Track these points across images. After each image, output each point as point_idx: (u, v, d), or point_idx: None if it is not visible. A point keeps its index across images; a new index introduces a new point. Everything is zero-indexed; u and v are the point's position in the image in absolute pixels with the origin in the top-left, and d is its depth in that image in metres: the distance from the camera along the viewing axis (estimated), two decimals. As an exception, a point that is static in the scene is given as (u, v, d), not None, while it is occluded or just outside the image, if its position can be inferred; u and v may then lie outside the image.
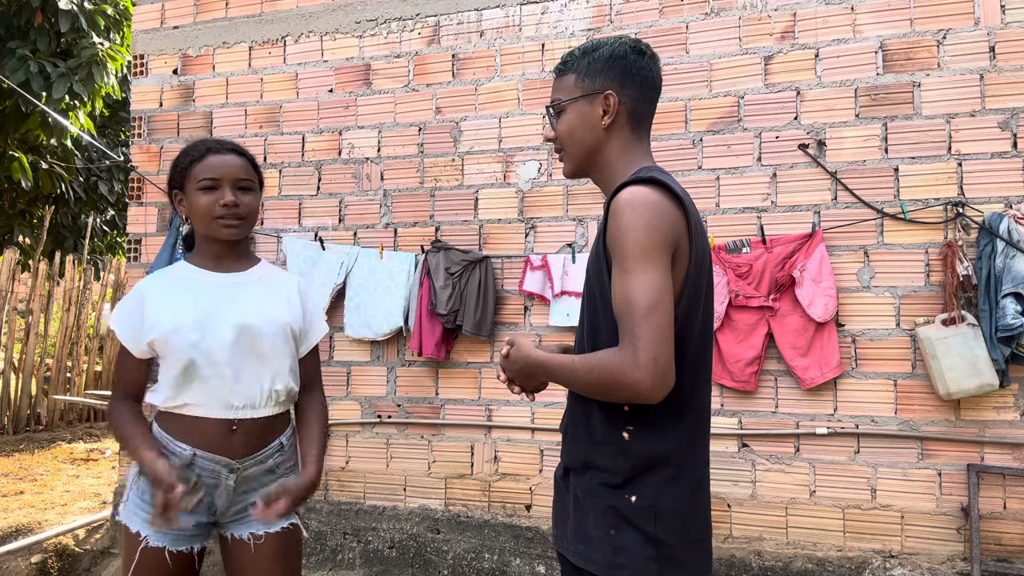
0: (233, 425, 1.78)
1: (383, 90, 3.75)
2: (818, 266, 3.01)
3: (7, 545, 3.89)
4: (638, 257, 1.28)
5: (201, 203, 1.79)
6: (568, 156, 1.52)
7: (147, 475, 1.69)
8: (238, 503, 1.82)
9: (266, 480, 1.83)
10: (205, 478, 1.76)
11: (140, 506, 1.77)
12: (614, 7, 3.42)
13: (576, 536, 1.41)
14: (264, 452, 1.84)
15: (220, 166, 1.80)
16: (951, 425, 2.94)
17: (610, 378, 1.26)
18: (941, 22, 3.01)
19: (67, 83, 7.19)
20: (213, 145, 1.85)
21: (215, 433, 1.77)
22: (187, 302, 1.79)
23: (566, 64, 1.50)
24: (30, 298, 7.47)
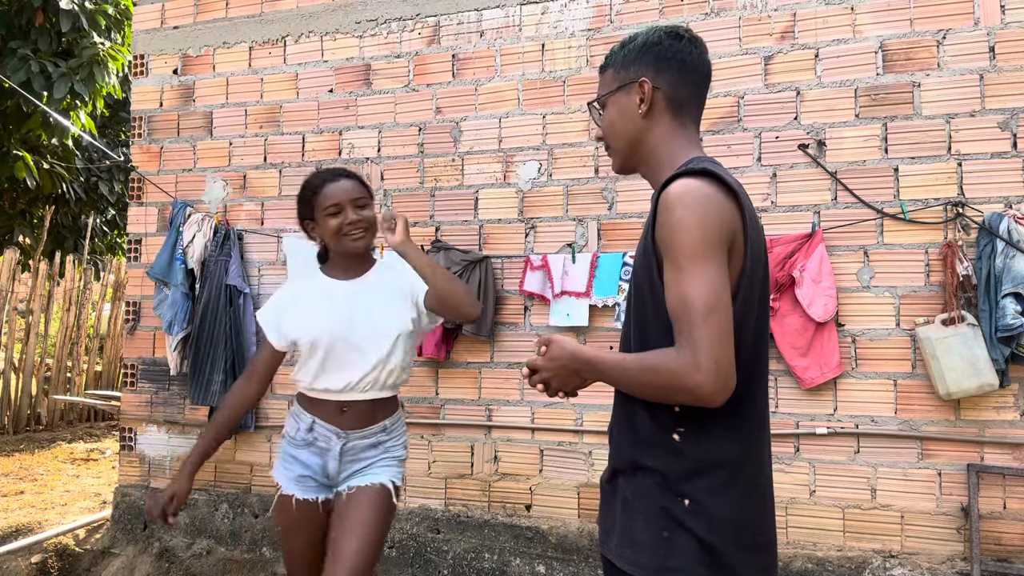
0: (344, 406, 2.20)
1: (383, 90, 3.75)
2: (818, 266, 3.01)
3: (7, 545, 3.90)
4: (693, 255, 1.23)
5: (331, 226, 2.16)
6: (613, 151, 1.49)
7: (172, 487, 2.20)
8: (345, 470, 2.22)
9: (369, 454, 2.23)
10: (320, 442, 2.21)
11: (282, 464, 2.26)
12: (614, 7, 3.42)
13: (623, 539, 1.36)
14: (369, 429, 2.23)
15: (339, 192, 2.16)
16: (951, 425, 2.94)
17: (669, 381, 1.22)
18: (941, 22, 3.01)
19: (68, 83, 7.20)
20: (327, 176, 2.20)
21: (331, 410, 2.21)
22: (321, 309, 2.19)
23: (606, 60, 1.48)
24: (30, 298, 7.47)
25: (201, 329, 3.77)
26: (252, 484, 3.86)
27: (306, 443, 2.22)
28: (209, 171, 4.03)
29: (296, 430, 2.25)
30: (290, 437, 2.27)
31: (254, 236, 3.91)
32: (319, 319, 2.18)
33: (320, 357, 2.18)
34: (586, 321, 3.30)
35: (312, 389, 2.23)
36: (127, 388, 4.13)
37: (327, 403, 2.22)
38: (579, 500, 3.37)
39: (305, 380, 2.24)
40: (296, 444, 2.24)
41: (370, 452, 2.24)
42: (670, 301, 1.26)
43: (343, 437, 2.21)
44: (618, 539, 1.37)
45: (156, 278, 3.91)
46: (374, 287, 2.25)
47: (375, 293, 2.23)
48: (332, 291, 2.23)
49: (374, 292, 2.23)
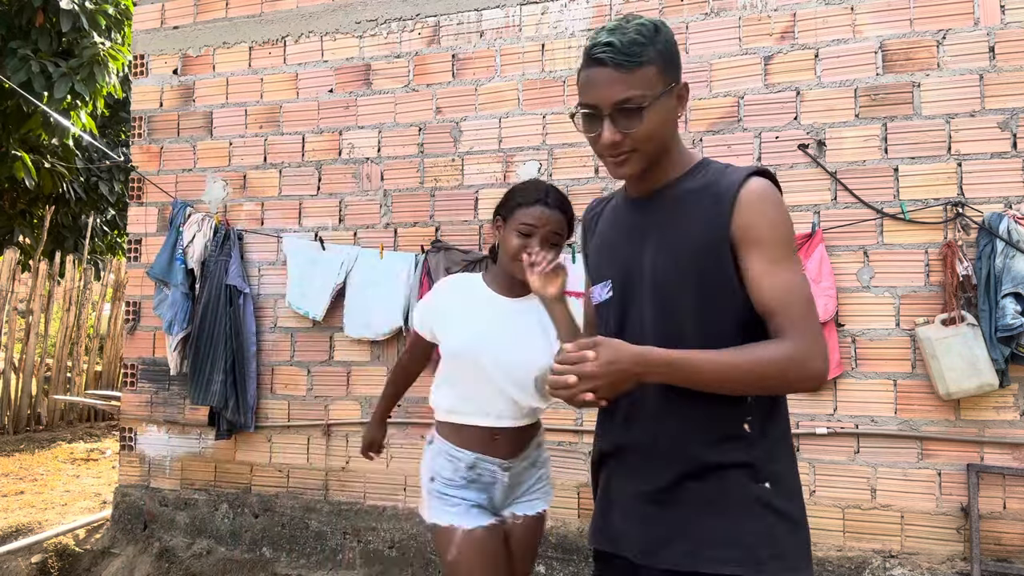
0: (495, 434, 2.04)
1: (383, 90, 3.75)
2: (818, 266, 3.01)
3: (7, 545, 3.90)
4: (790, 247, 1.30)
5: (513, 244, 1.98)
6: (640, 156, 1.38)
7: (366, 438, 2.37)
8: (509, 495, 2.10)
9: (529, 473, 2.12)
10: (485, 477, 2.05)
11: (443, 502, 2.03)
12: (614, 7, 3.42)
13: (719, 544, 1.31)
14: (526, 452, 2.11)
15: (540, 218, 1.97)
16: (951, 425, 2.94)
17: (788, 371, 1.25)
18: (941, 22, 3.01)
19: (68, 83, 7.20)
20: (543, 196, 2.00)
21: (483, 439, 2.04)
22: (481, 321, 2.04)
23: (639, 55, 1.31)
24: (30, 298, 7.47)
25: (201, 329, 3.77)
26: (252, 484, 3.86)
27: (468, 481, 2.04)
28: (209, 171, 4.03)
29: (454, 471, 2.04)
30: (445, 480, 2.04)
31: (254, 236, 3.91)
32: (466, 329, 2.03)
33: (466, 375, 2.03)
34: (586, 321, 3.29)
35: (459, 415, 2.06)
36: (127, 388, 4.13)
37: (477, 431, 2.03)
38: (579, 500, 3.36)
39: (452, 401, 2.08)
40: (456, 485, 2.04)
41: (530, 472, 2.12)
42: (767, 292, 1.28)
43: (507, 467, 2.05)
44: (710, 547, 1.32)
45: (156, 278, 3.91)
46: (535, 310, 2.04)
47: (536, 317, 2.03)
48: (491, 305, 2.07)
49: (535, 315, 2.04)
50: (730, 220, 1.31)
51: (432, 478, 2.07)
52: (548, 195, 2.01)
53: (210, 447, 3.93)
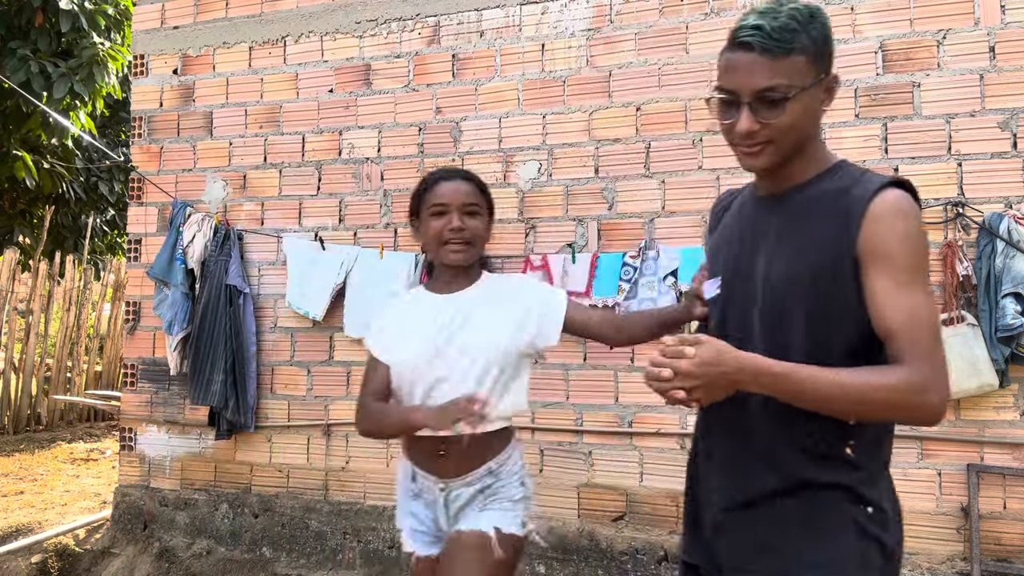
0: (441, 448, 1.84)
1: (383, 90, 3.75)
2: (818, 266, 3.01)
3: (7, 545, 3.90)
4: (920, 270, 1.21)
5: (432, 229, 1.90)
6: (775, 149, 1.29)
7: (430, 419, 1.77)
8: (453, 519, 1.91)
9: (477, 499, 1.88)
10: (425, 493, 1.92)
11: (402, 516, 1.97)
12: (614, 7, 3.42)
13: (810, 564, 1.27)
14: (473, 474, 1.86)
15: (448, 192, 1.90)
16: (951, 425, 2.94)
17: (903, 400, 1.19)
18: (941, 22, 3.01)
19: (68, 83, 7.20)
20: (444, 173, 1.96)
21: (428, 453, 1.88)
22: (414, 327, 1.93)
23: (789, 42, 1.23)
24: (30, 298, 7.47)
25: (201, 329, 3.77)
26: (252, 484, 3.85)
27: (414, 494, 1.95)
28: (209, 171, 4.03)
29: (405, 478, 1.98)
30: (403, 486, 1.99)
31: (254, 236, 3.90)
32: (409, 340, 1.91)
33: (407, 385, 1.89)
34: (586, 321, 3.29)
35: None
36: (127, 388, 4.13)
37: (423, 444, 1.87)
38: (579, 500, 3.36)
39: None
40: (407, 494, 1.97)
41: (478, 499, 1.88)
42: (889, 314, 1.20)
43: (444, 488, 1.87)
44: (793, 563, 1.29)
45: (156, 278, 3.91)
46: (477, 301, 1.92)
47: (478, 308, 1.90)
48: (428, 307, 1.94)
49: (477, 307, 1.90)
50: (857, 234, 1.23)
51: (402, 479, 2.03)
52: (446, 170, 1.99)
53: (210, 447, 3.92)
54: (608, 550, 3.23)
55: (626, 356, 3.32)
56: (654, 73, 3.35)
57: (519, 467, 1.96)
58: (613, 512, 3.32)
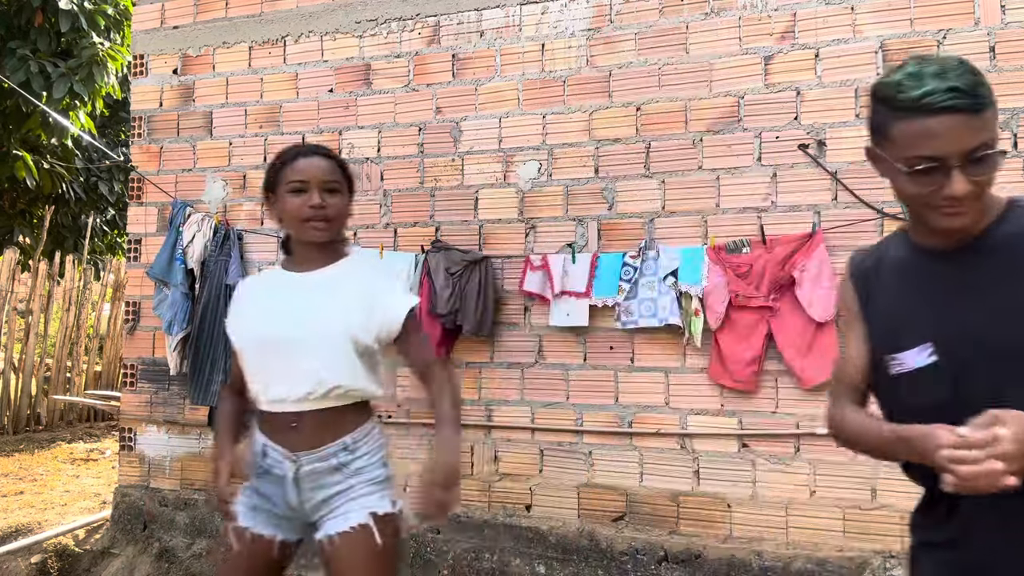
0: (293, 421, 1.84)
1: (383, 90, 3.75)
2: (818, 266, 3.01)
3: (7, 545, 3.90)
4: None
5: (290, 205, 1.87)
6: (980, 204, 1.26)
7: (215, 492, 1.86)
8: (308, 500, 1.86)
9: (333, 479, 1.84)
10: (275, 468, 1.85)
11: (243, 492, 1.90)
12: (614, 7, 3.42)
13: None
14: (326, 449, 1.83)
15: (307, 168, 1.86)
16: (951, 425, 2.93)
17: None
18: (941, 22, 3.01)
19: (67, 83, 7.20)
20: (302, 149, 1.93)
21: (280, 425, 1.85)
22: (261, 302, 1.92)
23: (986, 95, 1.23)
24: (30, 298, 7.47)
25: (201, 329, 3.77)
26: (252, 484, 3.85)
27: (263, 469, 1.87)
28: (209, 171, 4.03)
29: (254, 455, 1.90)
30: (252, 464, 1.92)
31: (254, 236, 3.90)
32: (253, 317, 1.90)
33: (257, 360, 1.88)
34: (586, 321, 3.30)
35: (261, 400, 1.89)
36: (127, 388, 4.13)
37: (276, 417, 1.85)
38: (579, 500, 3.36)
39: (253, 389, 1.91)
40: (256, 471, 1.89)
41: (333, 478, 1.84)
42: None
43: (295, 461, 1.83)
44: None
45: (156, 278, 3.91)
46: (332, 280, 1.91)
47: (331, 286, 1.89)
48: (282, 285, 1.93)
49: (330, 285, 1.90)
50: None
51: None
52: (304, 146, 1.95)
53: (210, 447, 3.92)
54: (608, 550, 3.24)
55: (626, 356, 3.32)
56: (654, 73, 3.35)
57: (379, 447, 1.92)
58: (613, 512, 3.32)
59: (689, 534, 3.20)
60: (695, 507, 3.21)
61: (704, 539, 3.16)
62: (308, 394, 1.82)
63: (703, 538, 3.17)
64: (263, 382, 1.87)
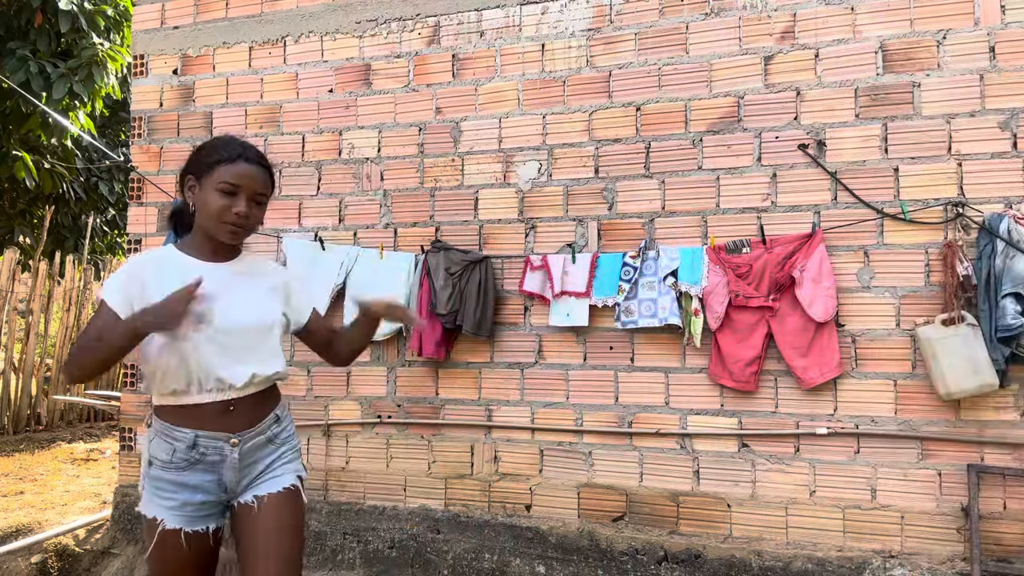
0: (230, 405, 1.91)
1: (383, 90, 3.75)
2: (818, 266, 3.01)
3: (7, 545, 3.90)
4: None
5: (215, 204, 1.86)
6: None
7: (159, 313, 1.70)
8: (246, 476, 1.95)
9: (266, 452, 1.98)
10: (210, 455, 1.89)
11: (155, 494, 1.88)
12: (614, 7, 3.42)
13: None
14: (262, 424, 1.97)
15: (244, 175, 1.87)
16: (951, 425, 2.94)
17: None
18: (941, 22, 3.01)
19: (67, 83, 7.19)
20: (244, 153, 1.90)
21: (214, 413, 1.89)
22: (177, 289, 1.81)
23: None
24: (30, 298, 7.47)
25: (201, 329, 3.76)
26: (252, 484, 3.85)
27: (189, 463, 1.87)
28: (209, 171, 4.03)
29: (171, 452, 1.87)
30: (162, 463, 1.87)
31: (254, 236, 3.90)
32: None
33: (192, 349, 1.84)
34: (586, 321, 3.30)
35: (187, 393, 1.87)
36: (127, 388, 4.13)
37: (207, 407, 1.88)
38: (579, 500, 3.36)
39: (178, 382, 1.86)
40: (174, 467, 1.87)
41: (267, 449, 1.98)
42: None
43: (239, 441, 1.91)
44: None
45: (156, 278, 3.90)
46: (249, 273, 2.00)
47: (250, 279, 1.99)
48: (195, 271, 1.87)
49: (249, 278, 1.99)
50: None
51: (150, 462, 1.90)
52: (248, 151, 1.90)
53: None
54: (608, 550, 3.24)
55: (626, 356, 3.32)
56: (654, 73, 3.35)
57: (292, 419, 2.13)
58: (613, 512, 3.32)
59: (689, 534, 3.20)
60: (695, 507, 3.21)
61: (704, 539, 3.16)
62: (252, 377, 1.92)
63: (703, 538, 3.17)
64: (202, 370, 1.86)
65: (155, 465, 1.89)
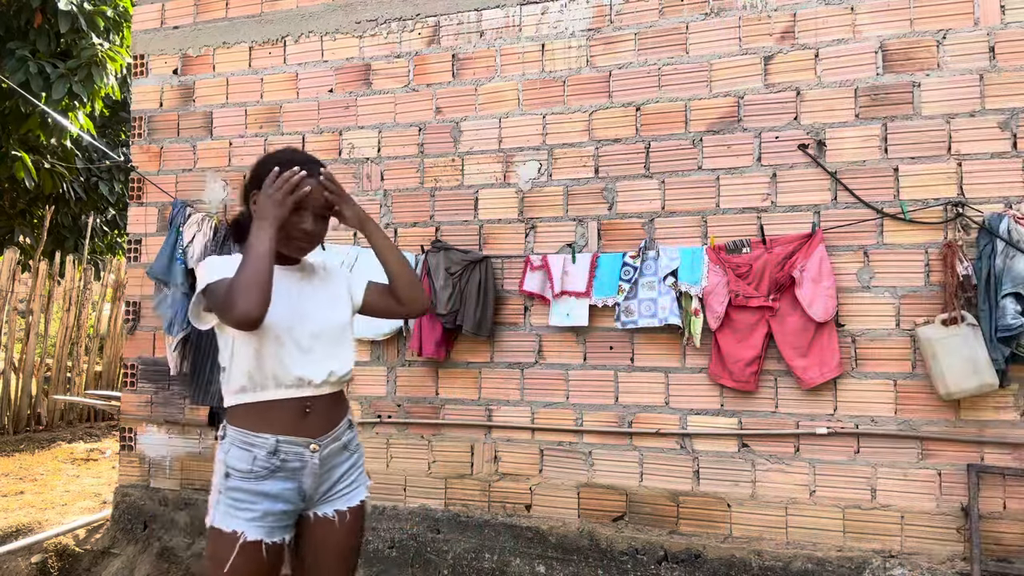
0: (307, 406, 1.88)
1: (383, 90, 3.75)
2: (818, 266, 3.01)
3: (7, 545, 3.90)
4: None
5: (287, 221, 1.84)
6: None
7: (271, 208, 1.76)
8: (324, 483, 1.92)
9: (341, 459, 1.96)
10: (291, 461, 1.85)
11: (233, 507, 1.81)
12: (614, 7, 3.42)
13: None
14: (338, 429, 1.95)
15: (314, 194, 1.86)
16: (951, 425, 2.94)
17: None
18: (941, 22, 3.01)
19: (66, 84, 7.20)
20: (311, 169, 1.87)
21: (292, 416, 1.86)
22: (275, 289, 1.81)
23: None
24: (30, 298, 7.47)
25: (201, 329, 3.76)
26: (252, 484, 3.85)
27: (270, 471, 1.82)
28: (209, 171, 4.03)
29: (251, 460, 1.81)
30: (241, 473, 1.81)
31: (254, 236, 3.90)
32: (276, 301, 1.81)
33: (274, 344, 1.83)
34: (586, 321, 3.30)
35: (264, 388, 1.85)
36: (127, 388, 4.13)
37: (284, 408, 1.85)
38: (579, 500, 3.36)
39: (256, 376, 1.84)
40: (254, 476, 1.81)
41: (343, 456, 1.97)
42: None
43: (319, 447, 1.88)
44: None
45: (156, 278, 3.91)
46: (317, 276, 2.01)
47: (322, 281, 2.01)
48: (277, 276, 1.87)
49: (319, 280, 2.00)
50: None
51: (227, 474, 1.82)
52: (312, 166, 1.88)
53: (210, 447, 3.92)
54: (608, 550, 3.24)
55: (626, 356, 3.32)
56: (654, 73, 3.35)
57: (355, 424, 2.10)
58: (613, 512, 3.32)
59: (689, 534, 3.20)
60: (695, 507, 3.21)
61: (704, 539, 3.17)
62: (330, 375, 1.90)
63: (703, 538, 3.17)
64: (280, 366, 1.84)
65: (233, 476, 1.81)
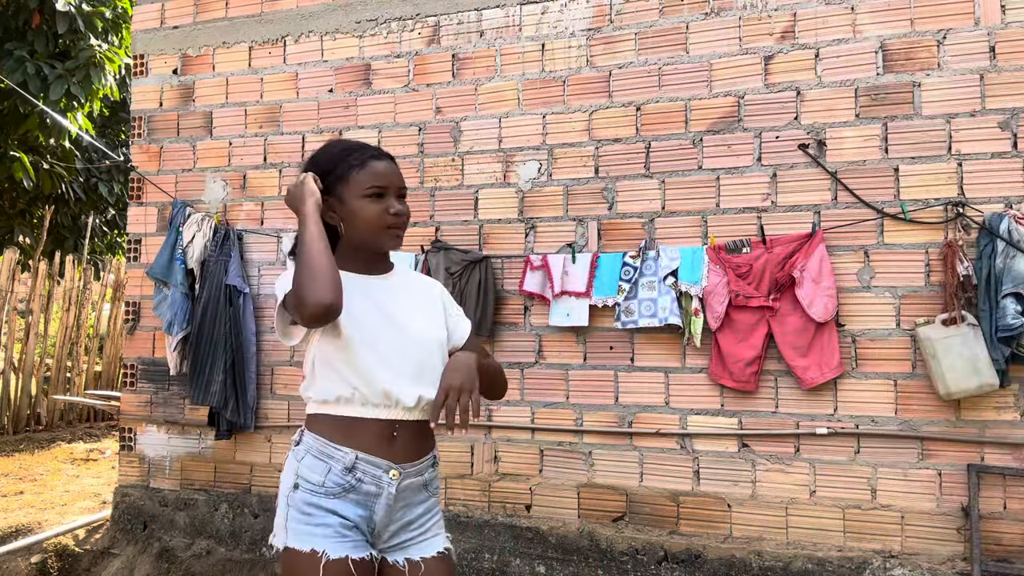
0: (395, 429, 1.68)
1: (383, 90, 3.75)
2: (818, 266, 3.01)
3: (7, 545, 3.89)
4: None
5: (370, 211, 1.70)
6: None
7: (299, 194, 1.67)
8: (395, 521, 1.70)
9: (420, 499, 1.73)
10: (367, 483, 1.65)
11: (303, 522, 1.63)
12: (614, 7, 3.42)
13: None
14: (423, 461, 1.74)
15: (387, 174, 1.73)
16: (951, 425, 2.94)
17: None
18: (941, 22, 3.01)
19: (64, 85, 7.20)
20: (374, 152, 1.77)
21: (376, 436, 1.67)
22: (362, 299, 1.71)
23: None
24: (30, 298, 7.47)
25: (201, 329, 3.76)
26: (252, 484, 3.85)
27: (343, 489, 1.63)
28: (209, 171, 4.03)
29: (324, 473, 1.63)
30: (312, 485, 1.64)
31: (254, 236, 3.90)
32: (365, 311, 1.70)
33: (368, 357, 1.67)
34: (586, 321, 3.30)
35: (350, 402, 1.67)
36: (127, 388, 4.13)
37: (369, 427, 1.66)
38: (579, 500, 3.36)
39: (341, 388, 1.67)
40: (324, 492, 1.63)
41: (421, 496, 1.73)
42: None
43: (399, 474, 1.67)
44: None
45: (156, 278, 3.91)
46: (410, 289, 1.83)
47: (415, 295, 1.83)
48: (364, 286, 1.74)
49: (414, 293, 1.83)
50: None
51: (296, 485, 1.66)
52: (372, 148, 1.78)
53: (210, 447, 3.92)
54: (608, 550, 3.24)
55: (626, 356, 3.32)
56: (654, 73, 3.35)
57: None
58: (613, 512, 3.32)
59: (689, 534, 3.20)
60: (695, 507, 3.21)
61: (704, 539, 3.16)
62: (419, 400, 1.69)
63: (703, 538, 3.17)
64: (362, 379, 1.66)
65: (302, 488, 1.64)
